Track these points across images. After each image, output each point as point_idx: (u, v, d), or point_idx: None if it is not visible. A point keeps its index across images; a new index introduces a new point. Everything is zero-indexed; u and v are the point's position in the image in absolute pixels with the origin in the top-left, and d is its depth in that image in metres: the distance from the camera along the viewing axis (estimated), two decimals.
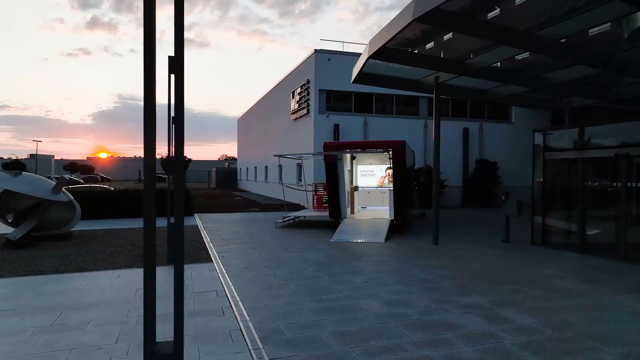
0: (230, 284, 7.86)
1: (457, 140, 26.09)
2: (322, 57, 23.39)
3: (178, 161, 3.24)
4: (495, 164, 26.08)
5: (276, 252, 10.86)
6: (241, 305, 6.56)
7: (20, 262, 9.76)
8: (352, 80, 12.87)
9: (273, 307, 6.46)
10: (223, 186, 51.12)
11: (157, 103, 2.98)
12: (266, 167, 35.79)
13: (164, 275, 8.48)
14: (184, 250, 10.94)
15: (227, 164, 70.47)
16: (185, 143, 3.19)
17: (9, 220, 12.80)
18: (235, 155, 59.57)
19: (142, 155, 2.96)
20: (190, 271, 8.87)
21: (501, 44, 8.71)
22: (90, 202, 18.62)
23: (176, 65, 3.09)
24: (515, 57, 9.85)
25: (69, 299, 6.98)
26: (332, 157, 14.08)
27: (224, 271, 8.87)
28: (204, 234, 14.22)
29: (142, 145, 2.89)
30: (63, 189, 12.79)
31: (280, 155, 16.60)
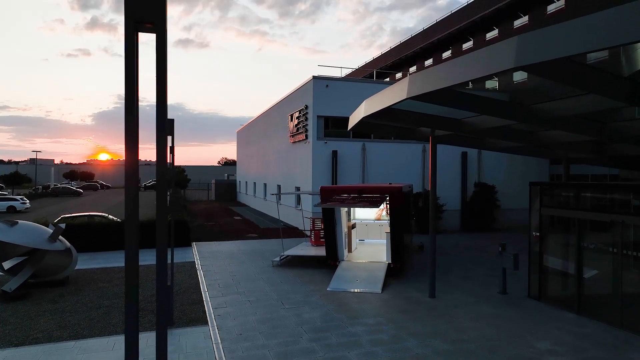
0: None
1: (455, 163, 26.06)
2: (320, 84, 23.39)
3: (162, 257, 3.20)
4: (494, 187, 26.07)
5: (272, 309, 10.82)
6: None
7: (15, 324, 9.74)
8: (348, 128, 12.85)
9: None
10: (223, 199, 51.12)
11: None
12: (265, 184, 35.79)
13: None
14: (179, 306, 10.92)
15: (226, 175, 70.46)
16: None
17: (5, 268, 12.77)
18: (234, 157, 59.68)
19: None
20: (185, 340, 8.84)
21: (496, 116, 8.71)
22: (89, 233, 18.63)
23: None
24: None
25: None
26: (329, 200, 14.04)
27: (219, 340, 8.84)
28: (200, 276, 14.19)
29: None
30: (60, 237, 12.75)
31: (278, 194, 16.61)
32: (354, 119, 12.01)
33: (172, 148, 10.31)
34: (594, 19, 4.63)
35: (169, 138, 10.16)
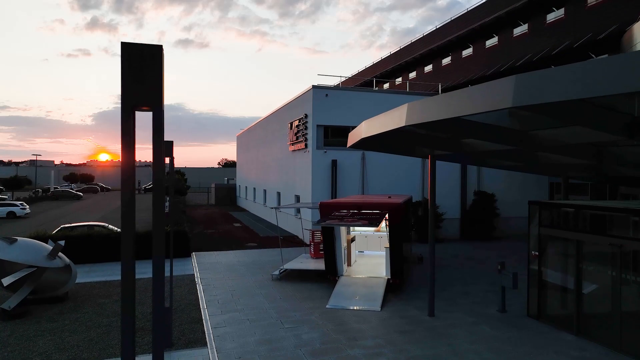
0: None
1: (455, 172, 26.04)
2: (319, 93, 23.39)
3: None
4: (494, 195, 26.05)
5: (271, 328, 10.81)
6: None
7: (13, 345, 9.74)
8: (347, 146, 12.86)
9: None
10: (222, 203, 51.12)
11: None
12: (264, 190, 35.79)
13: None
14: (178, 325, 10.89)
15: (226, 179, 70.48)
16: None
17: (4, 285, 12.76)
18: (234, 158, 59.90)
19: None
20: None
21: (495, 143, 8.73)
22: (88, 244, 18.63)
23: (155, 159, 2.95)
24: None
25: None
26: (329, 217, 14.04)
27: None
28: (200, 291, 14.18)
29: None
30: (59, 254, 12.75)
31: (277, 207, 16.63)
32: (353, 138, 12.03)
33: (171, 159, 10.32)
34: (593, 65, 4.64)
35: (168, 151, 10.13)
